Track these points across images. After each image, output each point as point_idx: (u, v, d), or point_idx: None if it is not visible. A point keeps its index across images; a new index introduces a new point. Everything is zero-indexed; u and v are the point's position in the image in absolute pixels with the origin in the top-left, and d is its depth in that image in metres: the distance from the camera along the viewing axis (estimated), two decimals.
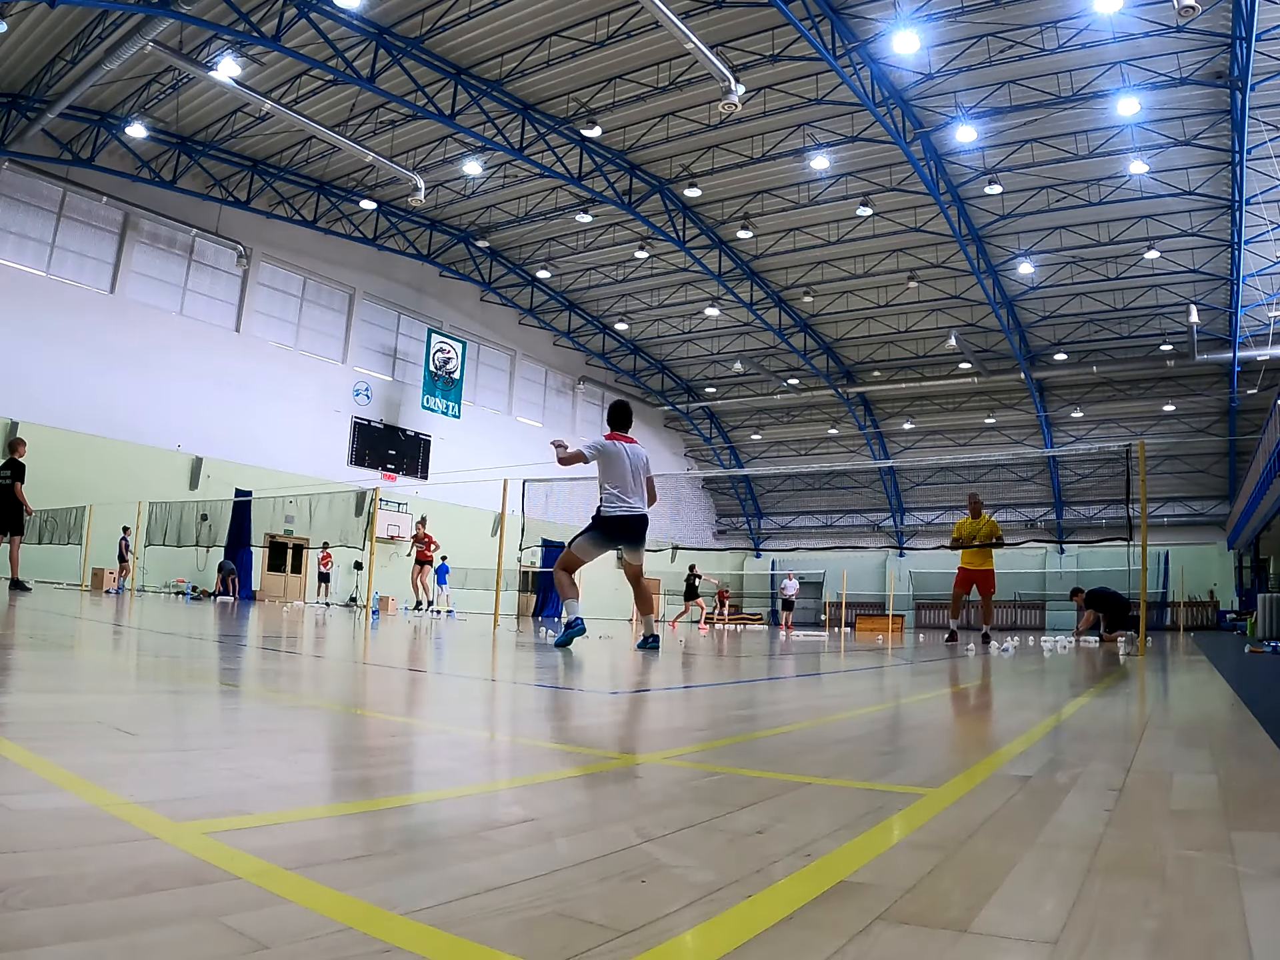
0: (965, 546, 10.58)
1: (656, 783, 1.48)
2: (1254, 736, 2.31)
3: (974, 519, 10.61)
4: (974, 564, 10.57)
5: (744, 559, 41.66)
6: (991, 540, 10.44)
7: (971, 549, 10.54)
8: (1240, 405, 28.93)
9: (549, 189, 24.27)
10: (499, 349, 32.19)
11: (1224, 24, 15.69)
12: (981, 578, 10.57)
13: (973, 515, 10.64)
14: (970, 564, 10.60)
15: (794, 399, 35.49)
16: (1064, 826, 1.21)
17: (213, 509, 19.24)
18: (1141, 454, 8.50)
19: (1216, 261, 23.90)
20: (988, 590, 10.58)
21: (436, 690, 3.19)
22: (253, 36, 16.02)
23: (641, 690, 3.51)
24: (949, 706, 3.32)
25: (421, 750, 1.83)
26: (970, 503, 10.79)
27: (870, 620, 27.16)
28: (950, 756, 2.02)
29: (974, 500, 10.76)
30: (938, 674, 5.15)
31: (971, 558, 10.58)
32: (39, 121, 18.22)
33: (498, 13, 17.21)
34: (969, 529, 10.58)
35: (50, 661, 3.20)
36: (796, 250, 26.39)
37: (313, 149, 22.11)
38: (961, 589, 10.73)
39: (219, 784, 1.31)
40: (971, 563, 10.59)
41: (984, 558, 10.56)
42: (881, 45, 17.23)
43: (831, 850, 1.04)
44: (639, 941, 0.73)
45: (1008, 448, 33.42)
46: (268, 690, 2.69)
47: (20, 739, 1.50)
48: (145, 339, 21.77)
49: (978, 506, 10.68)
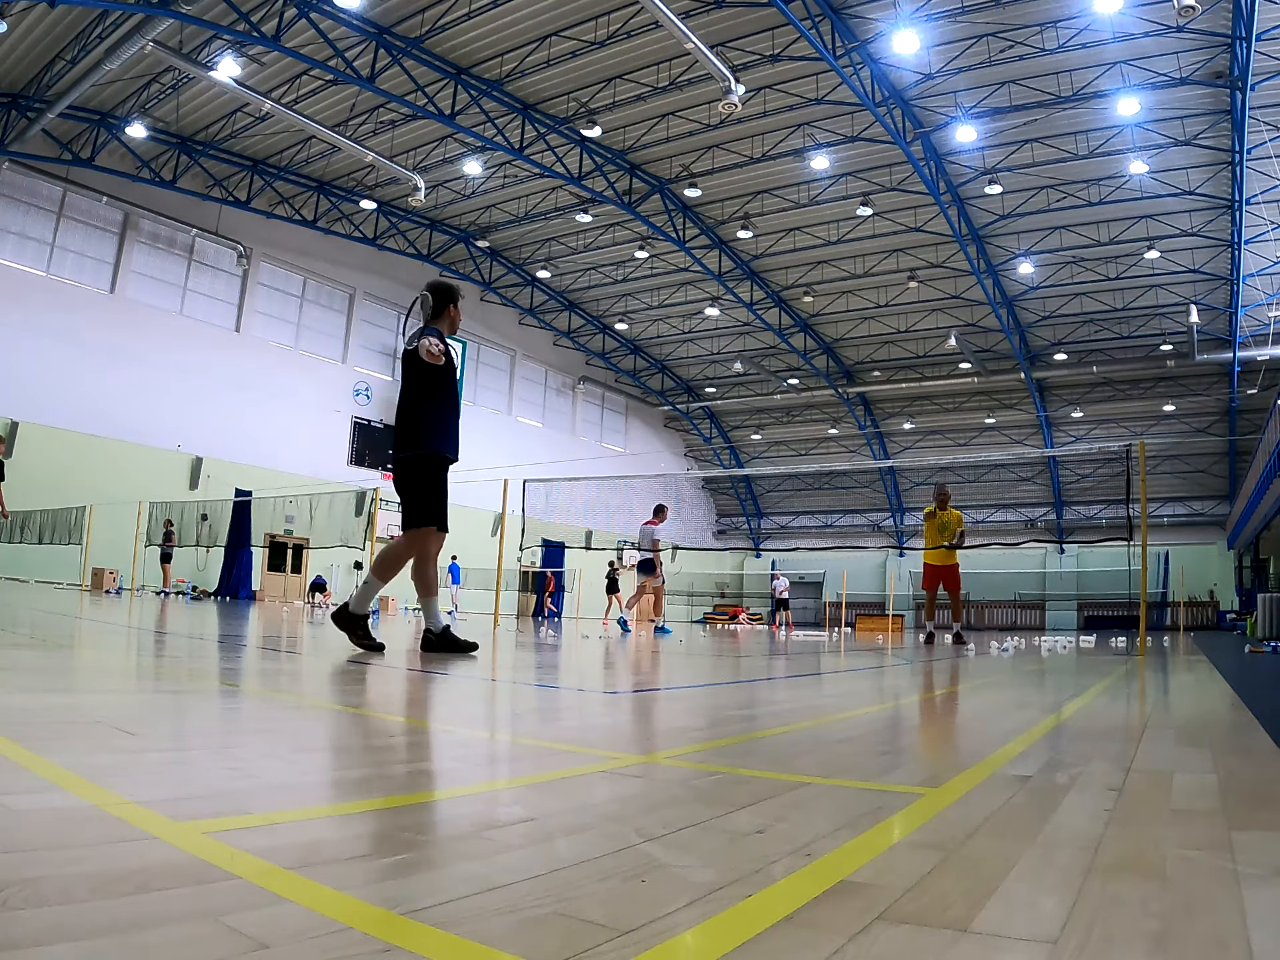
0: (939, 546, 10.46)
1: (656, 782, 1.48)
2: (1254, 736, 2.31)
3: (941, 511, 10.40)
4: (939, 560, 10.42)
5: (744, 559, 41.67)
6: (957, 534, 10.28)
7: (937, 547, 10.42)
8: (1240, 405, 28.93)
9: (549, 189, 24.27)
10: (499, 349, 32.20)
11: (1224, 24, 15.69)
12: (947, 574, 10.43)
13: (940, 507, 10.43)
14: (935, 560, 10.46)
15: (794, 399, 35.50)
16: (1064, 826, 1.21)
17: (213, 509, 19.25)
18: (1141, 454, 8.50)
19: (1216, 261, 23.90)
20: (955, 587, 10.44)
21: (436, 690, 3.19)
22: (253, 36, 16.02)
23: (641, 690, 3.51)
24: (949, 706, 3.32)
25: (421, 750, 1.83)
26: (937, 494, 10.60)
27: (870, 620, 27.16)
28: (950, 756, 2.02)
29: (943, 492, 10.58)
30: (937, 674, 5.15)
31: (937, 554, 10.42)
32: (39, 121, 18.22)
33: (498, 13, 17.21)
34: (938, 522, 10.39)
35: (50, 661, 3.20)
36: (796, 250, 26.39)
37: (313, 149, 22.11)
38: (930, 589, 10.59)
39: (219, 784, 1.31)
40: (936, 559, 10.44)
41: (948, 554, 10.39)
42: (881, 45, 17.23)
43: (831, 850, 1.04)
44: (639, 941, 0.73)
45: (1008, 448, 33.42)
46: (268, 690, 2.69)
47: (20, 739, 1.50)
48: (145, 339, 21.77)
49: (946, 499, 10.49)
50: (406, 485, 4.59)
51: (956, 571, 10.50)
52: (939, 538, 10.36)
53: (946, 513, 10.39)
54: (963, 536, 10.38)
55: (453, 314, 4.80)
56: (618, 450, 36.76)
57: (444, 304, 4.75)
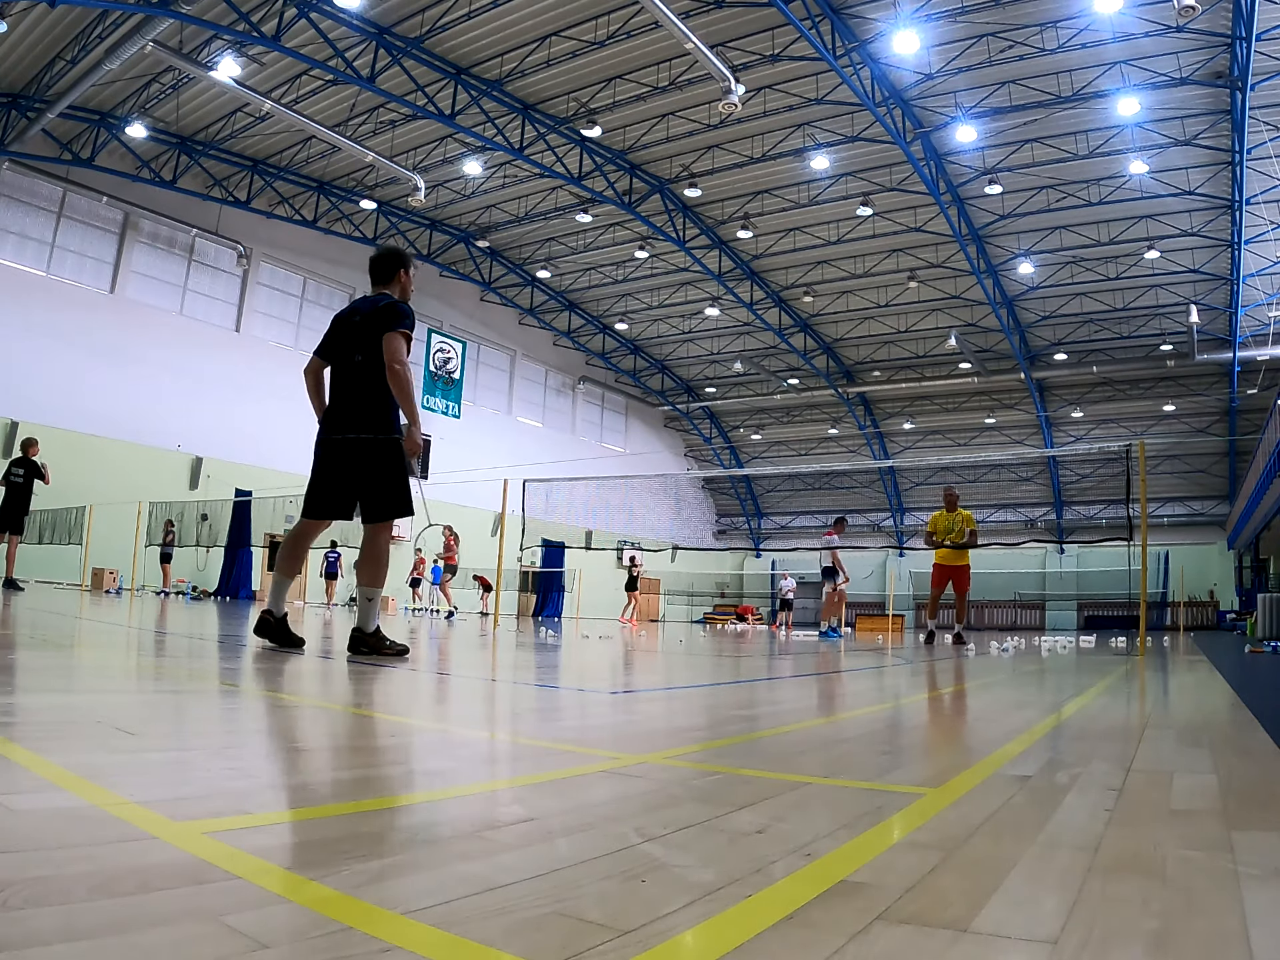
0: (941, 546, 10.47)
1: (656, 783, 1.48)
2: (1254, 736, 2.31)
3: (950, 512, 10.40)
4: (950, 560, 10.41)
5: (744, 559, 41.67)
6: (966, 534, 10.27)
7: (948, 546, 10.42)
8: (1240, 405, 28.93)
9: (549, 189, 24.27)
10: (499, 349, 32.20)
11: (1224, 24, 15.69)
12: (957, 574, 10.40)
13: (949, 509, 10.42)
14: (946, 560, 10.44)
15: (794, 399, 35.50)
16: (1064, 826, 1.21)
17: (213, 509, 19.23)
18: (1141, 454, 8.50)
19: (1216, 261, 23.90)
20: (963, 588, 10.42)
21: (436, 690, 3.19)
22: (253, 36, 16.03)
23: (641, 690, 3.51)
24: (948, 706, 3.32)
25: (421, 750, 1.83)
26: (946, 496, 10.58)
27: (870, 620, 27.14)
28: (950, 756, 2.02)
29: (950, 494, 10.57)
30: (937, 674, 5.15)
31: (948, 554, 10.42)
32: (39, 121, 18.22)
33: (498, 13, 17.21)
34: (945, 523, 10.39)
35: (50, 661, 3.20)
36: (796, 250, 26.39)
37: (313, 149, 22.11)
38: (938, 587, 10.58)
39: (219, 784, 1.31)
40: (948, 559, 10.43)
41: (960, 553, 10.39)
42: (881, 45, 17.23)
43: (831, 850, 1.04)
44: (639, 941, 0.73)
45: (1008, 448, 33.42)
46: (268, 690, 2.69)
47: (20, 739, 1.50)
48: (145, 339, 21.76)
49: (954, 500, 10.48)
50: (370, 472, 4.22)
51: (967, 572, 10.50)
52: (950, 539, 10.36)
53: (955, 513, 10.38)
54: (974, 536, 10.37)
55: (404, 280, 4.46)
56: (618, 450, 36.77)
57: (394, 268, 4.43)
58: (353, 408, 4.24)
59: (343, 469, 4.24)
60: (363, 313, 4.30)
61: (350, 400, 4.26)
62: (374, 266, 4.45)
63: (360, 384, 4.24)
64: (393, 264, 4.43)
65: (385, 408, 4.23)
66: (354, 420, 4.22)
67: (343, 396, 4.29)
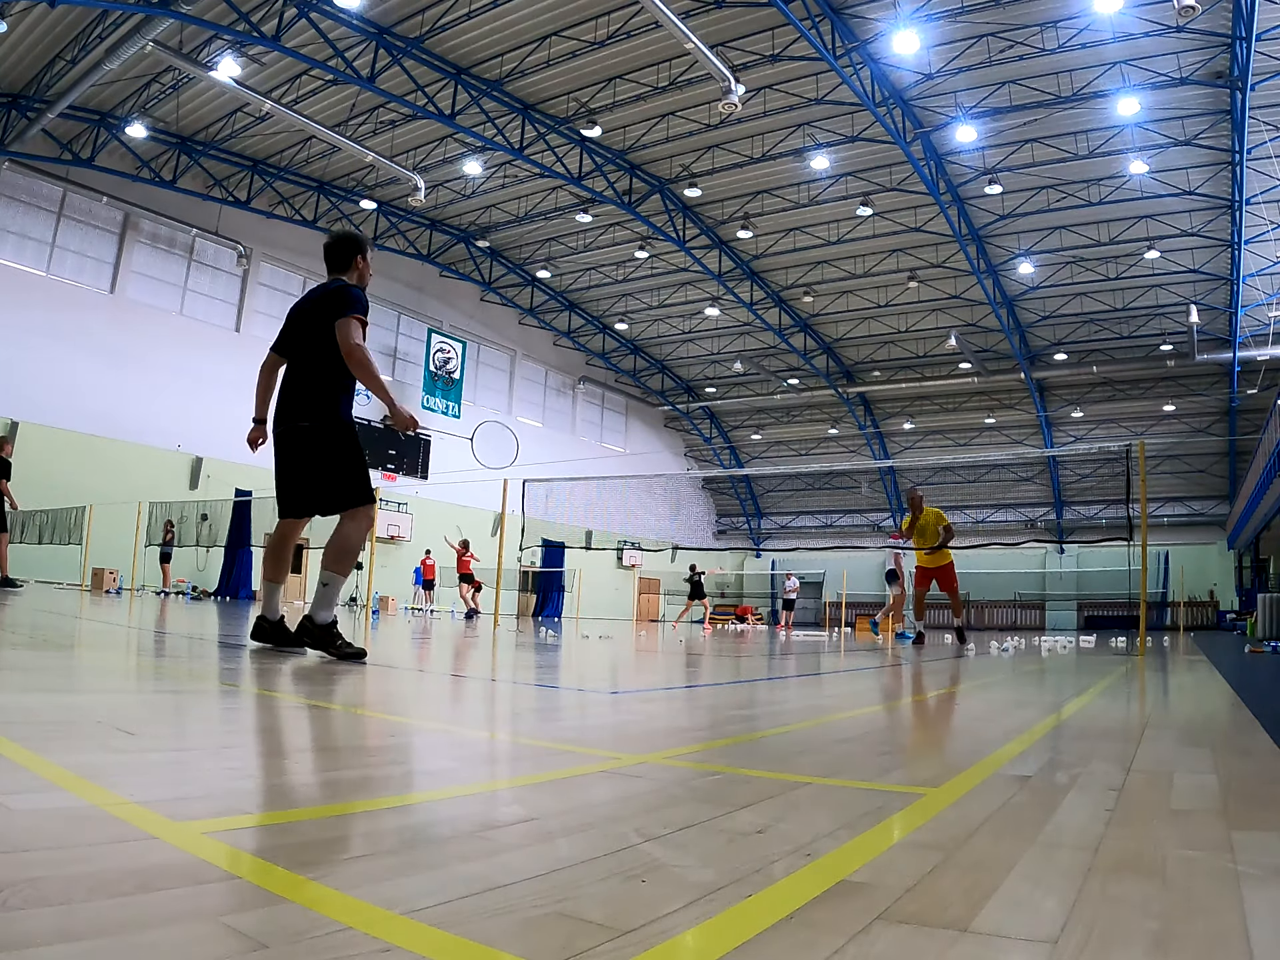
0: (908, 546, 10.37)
1: (656, 783, 1.48)
2: (1254, 736, 2.31)
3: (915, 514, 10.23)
4: (930, 562, 10.28)
5: (744, 559, 41.68)
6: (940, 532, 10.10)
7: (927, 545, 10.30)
8: (1240, 405, 28.93)
9: (549, 189, 24.27)
10: (499, 349, 32.20)
11: (1224, 24, 15.68)
12: (940, 574, 10.27)
13: (914, 512, 10.25)
14: (926, 562, 10.32)
15: (794, 399, 35.50)
16: (1064, 826, 1.21)
17: (213, 509, 19.22)
18: (1141, 454, 8.50)
19: (1216, 261, 23.90)
20: (950, 585, 10.30)
21: (436, 690, 3.19)
22: (253, 36, 16.02)
23: (641, 690, 3.51)
24: (949, 706, 3.32)
25: (421, 750, 1.83)
26: (909, 498, 10.43)
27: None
28: (950, 756, 2.02)
29: (913, 495, 10.40)
30: (937, 674, 5.15)
31: (926, 555, 10.29)
32: (39, 121, 18.21)
33: (498, 13, 17.21)
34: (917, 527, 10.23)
35: (50, 661, 3.20)
36: (796, 250, 26.39)
37: (313, 149, 22.11)
38: (922, 588, 10.46)
39: (219, 784, 1.31)
40: (927, 561, 10.30)
41: (939, 554, 10.24)
42: (881, 45, 17.23)
43: (831, 850, 1.04)
44: (639, 941, 0.73)
45: (1008, 448, 33.42)
46: (267, 690, 2.69)
47: (20, 739, 1.50)
48: (145, 339, 21.76)
49: (917, 502, 10.31)
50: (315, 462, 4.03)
51: (950, 570, 10.33)
52: (922, 541, 10.23)
53: (922, 515, 10.22)
54: (948, 532, 10.19)
55: (360, 265, 4.24)
56: (618, 450, 36.76)
57: (350, 254, 4.22)
58: (293, 397, 4.09)
59: (290, 461, 4.10)
60: (314, 299, 4.16)
61: (292, 390, 4.11)
62: (329, 253, 4.26)
63: (304, 373, 4.10)
64: (349, 249, 4.23)
65: (326, 394, 4.04)
66: (293, 410, 4.07)
67: (287, 386, 4.14)
